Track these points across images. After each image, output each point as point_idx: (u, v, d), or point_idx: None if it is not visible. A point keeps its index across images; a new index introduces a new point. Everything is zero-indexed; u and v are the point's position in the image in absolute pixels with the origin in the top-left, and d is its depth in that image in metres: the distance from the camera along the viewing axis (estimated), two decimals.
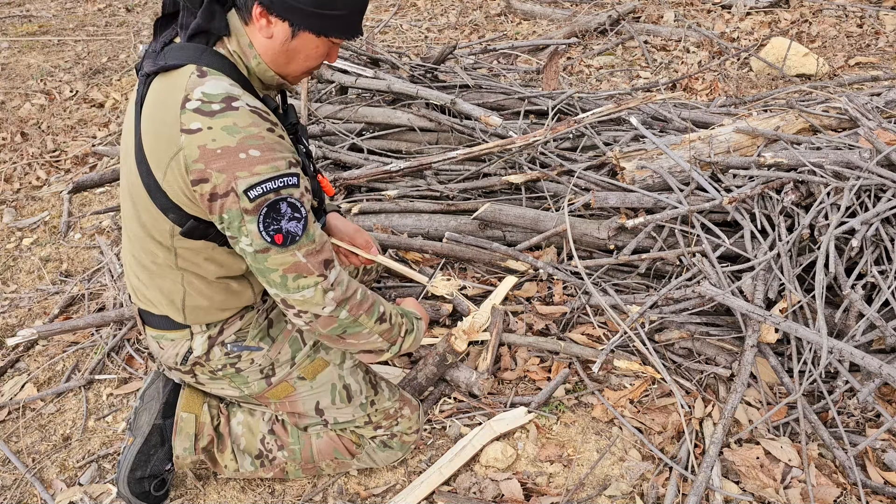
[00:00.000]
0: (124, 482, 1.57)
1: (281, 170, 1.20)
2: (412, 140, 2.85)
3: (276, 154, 1.20)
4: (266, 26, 1.24)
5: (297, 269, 1.26)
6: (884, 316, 1.80)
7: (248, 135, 1.18)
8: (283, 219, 1.21)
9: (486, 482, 1.63)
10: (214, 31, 1.25)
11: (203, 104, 1.17)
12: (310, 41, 1.27)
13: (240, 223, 1.21)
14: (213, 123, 1.17)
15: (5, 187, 3.23)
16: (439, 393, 1.89)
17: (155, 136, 1.22)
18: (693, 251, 1.97)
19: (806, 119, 2.33)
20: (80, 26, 5.70)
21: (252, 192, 1.17)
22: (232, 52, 1.27)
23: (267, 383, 1.53)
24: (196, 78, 1.20)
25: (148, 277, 1.42)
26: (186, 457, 1.59)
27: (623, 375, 1.90)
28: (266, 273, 1.27)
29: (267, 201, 1.19)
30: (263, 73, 1.31)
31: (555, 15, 5.08)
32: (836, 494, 1.55)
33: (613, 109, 2.54)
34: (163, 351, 1.50)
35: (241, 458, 1.62)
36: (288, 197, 1.21)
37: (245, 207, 1.19)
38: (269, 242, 1.22)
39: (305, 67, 1.33)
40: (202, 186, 1.19)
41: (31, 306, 2.42)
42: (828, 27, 4.31)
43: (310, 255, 1.27)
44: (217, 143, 1.16)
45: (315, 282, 1.28)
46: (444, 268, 2.31)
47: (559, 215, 2.19)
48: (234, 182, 1.17)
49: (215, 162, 1.17)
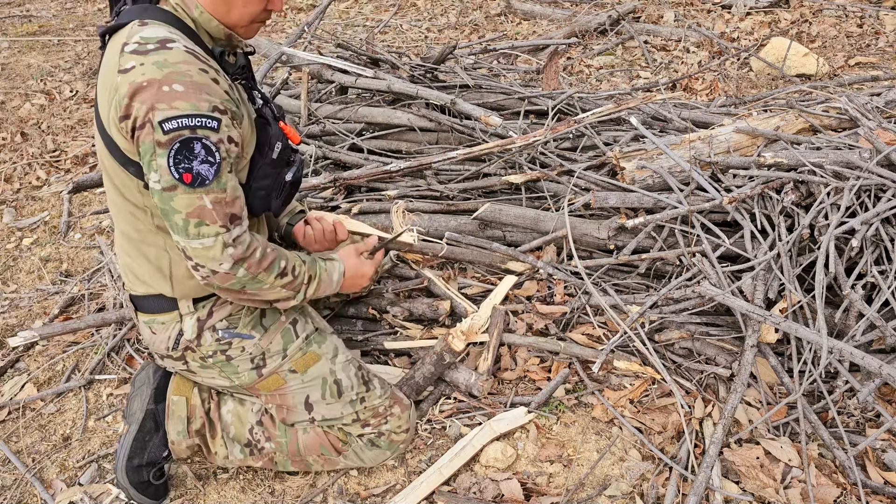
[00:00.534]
0: (122, 471, 1.57)
1: (201, 110, 1.20)
2: (412, 140, 2.85)
3: (201, 94, 1.20)
4: None
5: (201, 214, 1.25)
6: (884, 316, 1.80)
7: (176, 70, 1.19)
8: (196, 159, 1.21)
9: (486, 482, 1.63)
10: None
11: (139, 45, 1.21)
12: None
13: (151, 156, 1.21)
14: (144, 60, 1.19)
15: (5, 187, 3.23)
16: (439, 393, 1.89)
17: (102, 89, 1.26)
18: (693, 251, 1.97)
19: (806, 119, 2.33)
20: (80, 26, 5.70)
21: (166, 124, 1.18)
22: (175, 6, 1.30)
23: (258, 374, 1.53)
24: (137, 27, 1.25)
25: (134, 249, 1.43)
26: (181, 441, 1.60)
27: (623, 375, 1.90)
28: (170, 214, 1.26)
29: (180, 137, 1.19)
30: (207, 22, 1.32)
31: (555, 15, 5.08)
32: (836, 494, 1.55)
33: (613, 109, 2.54)
34: (155, 336, 1.51)
35: (231, 445, 1.62)
36: (203, 138, 1.21)
37: (158, 140, 1.19)
38: (176, 179, 1.21)
39: (248, 15, 1.33)
40: (126, 122, 1.21)
41: (31, 306, 2.42)
42: (828, 27, 4.31)
43: (217, 203, 1.26)
44: (144, 77, 1.18)
45: (216, 231, 1.27)
46: (444, 267, 2.31)
47: (559, 215, 2.19)
48: (152, 112, 1.18)
49: (139, 94, 1.18)
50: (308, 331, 1.60)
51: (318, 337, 1.62)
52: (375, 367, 1.93)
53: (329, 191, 2.59)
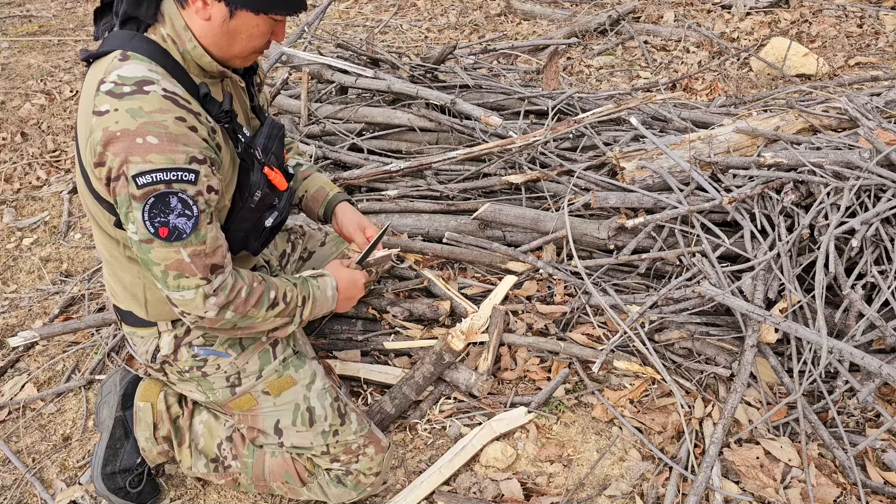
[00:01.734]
0: (98, 478, 1.58)
1: (177, 163, 1.16)
2: (412, 140, 2.85)
3: (177, 146, 1.17)
4: (202, 8, 1.21)
5: (180, 267, 1.23)
6: (884, 316, 1.80)
7: (151, 121, 1.15)
8: (172, 213, 1.19)
9: (486, 482, 1.63)
10: (142, 18, 1.23)
11: (115, 86, 1.16)
12: (250, 20, 1.24)
13: (127, 208, 1.19)
14: (119, 105, 1.15)
15: (5, 187, 3.23)
16: (439, 393, 1.89)
17: (80, 120, 1.22)
18: (693, 251, 1.97)
19: (806, 119, 2.33)
20: (80, 26, 5.70)
21: (140, 178, 1.15)
22: (165, 36, 1.25)
23: (231, 392, 1.51)
24: (117, 62, 1.19)
25: (110, 271, 1.43)
26: (151, 448, 1.59)
27: (623, 375, 1.90)
28: (149, 265, 1.24)
29: (155, 191, 1.16)
30: (200, 57, 1.27)
31: (555, 15, 5.08)
32: (836, 494, 1.55)
33: (613, 109, 2.54)
34: (136, 347, 1.52)
35: (197, 457, 1.61)
36: (180, 192, 1.18)
37: (133, 193, 1.16)
38: (151, 234, 1.19)
39: (251, 48, 1.30)
40: (100, 170, 1.18)
41: (31, 306, 2.42)
42: (828, 27, 4.31)
43: (196, 255, 1.24)
44: (118, 126, 1.14)
45: (196, 284, 1.25)
46: (444, 267, 2.31)
47: (559, 215, 2.19)
48: (126, 166, 1.15)
49: (113, 144, 1.15)
50: (286, 354, 1.55)
51: (297, 361, 1.56)
52: (375, 367, 1.93)
53: None
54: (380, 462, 1.57)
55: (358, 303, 2.11)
